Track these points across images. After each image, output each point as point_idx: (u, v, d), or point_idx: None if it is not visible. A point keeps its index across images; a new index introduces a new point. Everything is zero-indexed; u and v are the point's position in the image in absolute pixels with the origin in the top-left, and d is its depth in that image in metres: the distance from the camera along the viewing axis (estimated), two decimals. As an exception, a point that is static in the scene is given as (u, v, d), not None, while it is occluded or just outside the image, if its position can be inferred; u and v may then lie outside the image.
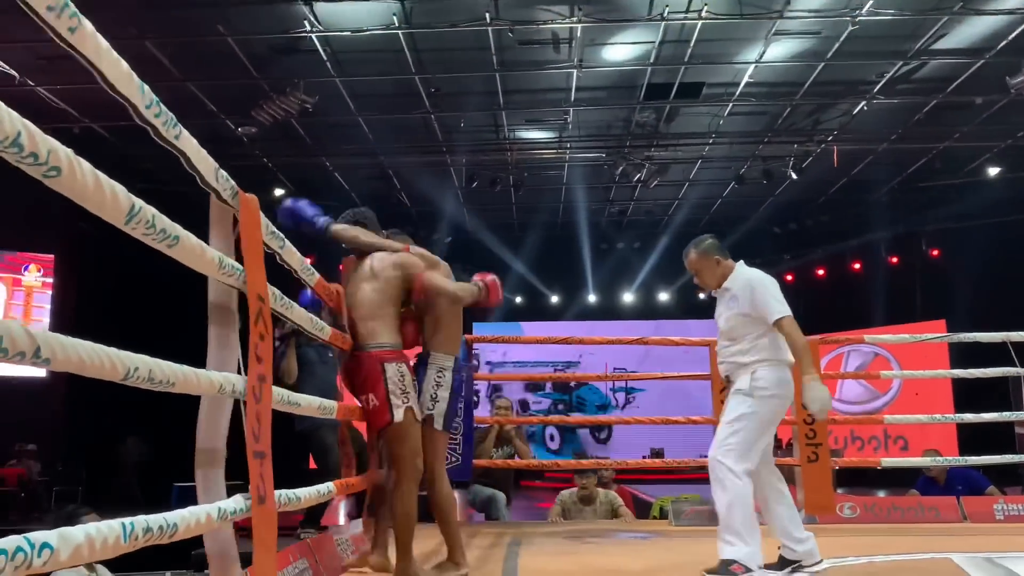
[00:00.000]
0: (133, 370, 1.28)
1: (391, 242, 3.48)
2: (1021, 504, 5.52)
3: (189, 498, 1.85)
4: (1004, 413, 5.52)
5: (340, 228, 3.39)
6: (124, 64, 1.29)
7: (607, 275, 16.02)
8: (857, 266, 15.19)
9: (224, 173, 1.80)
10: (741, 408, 3.41)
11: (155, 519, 1.34)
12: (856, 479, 11.47)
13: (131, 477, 13.02)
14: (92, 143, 10.87)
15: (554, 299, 16.42)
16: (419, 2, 8.44)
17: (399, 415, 3.12)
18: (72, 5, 1.12)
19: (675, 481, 11.81)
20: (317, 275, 2.86)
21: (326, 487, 2.62)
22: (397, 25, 8.71)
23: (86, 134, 10.74)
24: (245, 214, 1.90)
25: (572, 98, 10.62)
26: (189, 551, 3.97)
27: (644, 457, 13.16)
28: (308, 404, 2.42)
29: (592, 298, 16.32)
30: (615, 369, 15.27)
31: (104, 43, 1.23)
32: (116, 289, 12.76)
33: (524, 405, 16.17)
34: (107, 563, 3.72)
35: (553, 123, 11.66)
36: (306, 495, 2.33)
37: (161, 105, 1.40)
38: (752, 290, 3.53)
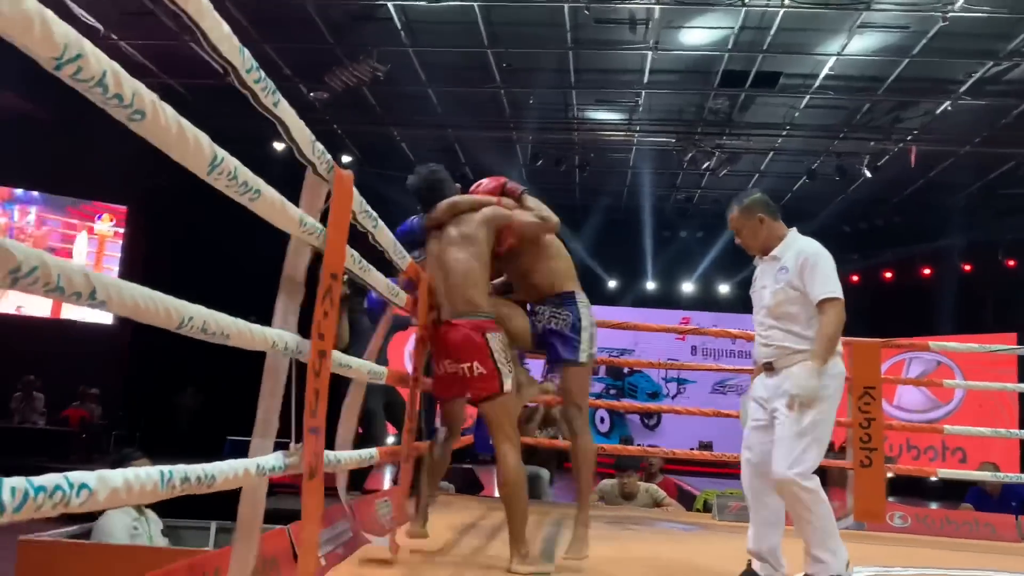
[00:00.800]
0: (187, 319, 1.28)
1: (481, 197, 3.41)
2: (1083, 528, 5.31)
3: (241, 453, 1.87)
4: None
5: (434, 216, 3.33)
6: (226, 25, 1.28)
7: (667, 263, 15.82)
8: (927, 271, 14.72)
9: (320, 146, 1.79)
10: (809, 415, 2.91)
11: (194, 469, 1.36)
12: (909, 489, 11.19)
13: (186, 427, 13.41)
14: (171, 101, 11.11)
15: (612, 284, 16.29)
16: (496, -25, 8.41)
17: (508, 385, 3.15)
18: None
19: (722, 475, 11.67)
20: (408, 258, 2.85)
21: (369, 452, 2.63)
22: (473, -3, 8.69)
23: (165, 91, 10.98)
24: (339, 189, 1.90)
25: (645, 80, 10.46)
26: (236, 504, 4.05)
27: (692, 449, 13.03)
28: (358, 368, 2.43)
29: (651, 285, 16.16)
30: (668, 359, 15.13)
31: (207, 2, 1.22)
32: (187, 244, 13.06)
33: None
34: (158, 509, 3.83)
35: (624, 105, 11.51)
36: (347, 459, 2.34)
37: (261, 71, 1.39)
38: (805, 260, 3.04)
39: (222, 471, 1.47)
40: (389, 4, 8.93)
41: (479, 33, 9.46)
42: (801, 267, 3.05)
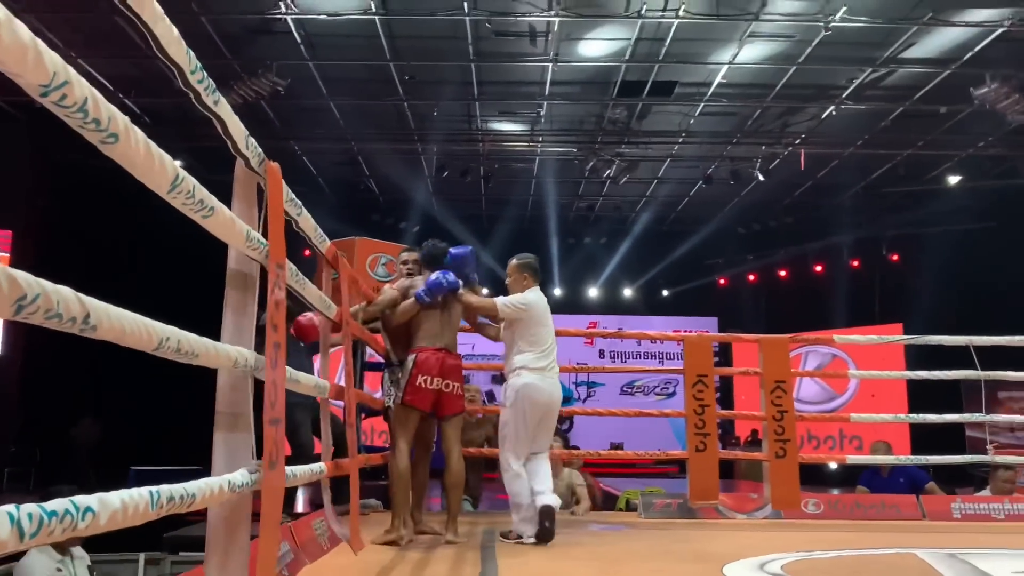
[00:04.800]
0: (164, 340, 1.27)
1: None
2: (977, 503, 5.71)
3: (147, 483, 1.82)
4: (966, 415, 5.68)
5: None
6: (175, 30, 1.28)
7: (573, 269, 16.08)
8: (819, 268, 15.44)
9: (253, 141, 1.80)
10: (502, 416, 4.28)
11: (177, 488, 1.34)
12: (810, 478, 11.68)
13: (85, 460, 12.77)
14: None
15: (520, 291, 16.39)
16: (397, -11, 8.40)
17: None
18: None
19: (636, 475, 11.93)
20: (328, 241, 2.92)
21: (318, 467, 2.61)
22: (374, 11, 8.65)
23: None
24: (272, 181, 1.91)
25: (546, 92, 10.63)
26: (161, 534, 3.93)
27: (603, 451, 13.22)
28: (307, 382, 2.41)
29: (558, 291, 16.37)
30: (577, 363, 15.36)
31: (159, 8, 1.23)
32: (76, 267, 12.48)
33: (491, 396, 16.20)
34: (87, 545, 3.66)
35: (526, 116, 11.66)
36: (301, 472, 2.32)
37: (204, 72, 1.40)
38: None
39: (201, 489, 1.44)
40: (287, 18, 8.80)
41: (381, 46, 9.42)
42: None
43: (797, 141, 11.86)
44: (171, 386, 10.42)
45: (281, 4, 8.50)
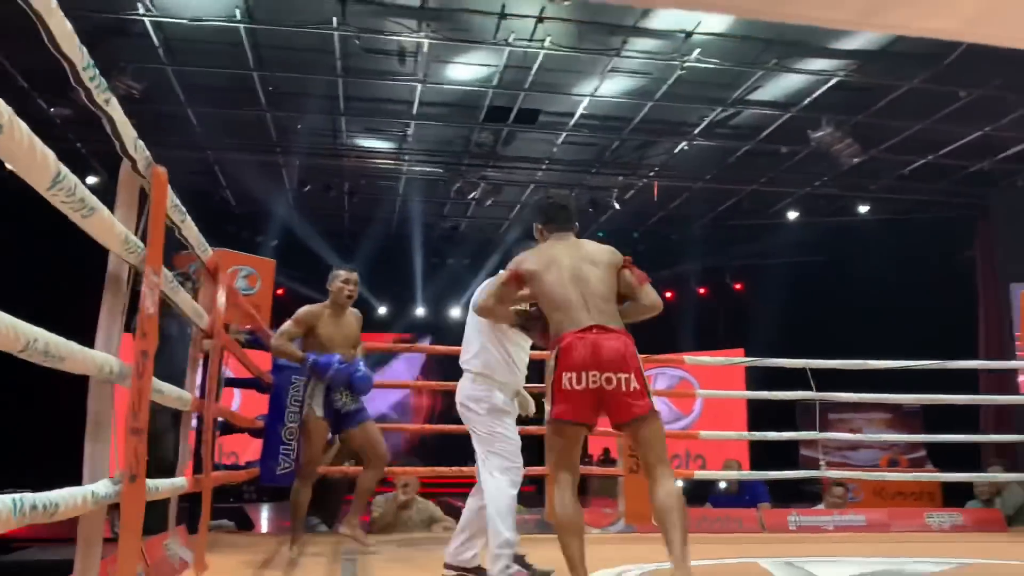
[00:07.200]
0: (32, 341, 1.21)
1: None
2: (809, 516, 6.15)
3: None
4: (804, 433, 6.10)
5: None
6: (69, 24, 1.25)
7: (437, 289, 16.11)
8: (670, 295, 16.13)
9: (142, 144, 1.76)
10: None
11: (40, 497, 1.28)
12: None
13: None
14: None
15: (382, 310, 16.31)
16: (265, -3, 8.24)
17: (655, 403, 2.88)
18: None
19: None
20: (211, 250, 2.83)
21: (181, 481, 2.52)
22: (239, 18, 8.44)
23: None
24: (157, 186, 1.86)
25: (414, 111, 10.67)
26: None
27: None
28: (169, 394, 2.33)
29: (420, 311, 16.35)
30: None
31: (55, 2, 1.20)
32: None
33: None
34: None
35: (393, 134, 11.65)
36: (164, 487, 2.24)
37: (96, 69, 1.37)
38: None
39: (64, 498, 1.37)
40: (146, 20, 8.44)
41: (244, 55, 9.19)
42: None
43: (651, 173, 12.41)
44: (15, 405, 9.72)
45: (139, 5, 8.16)
